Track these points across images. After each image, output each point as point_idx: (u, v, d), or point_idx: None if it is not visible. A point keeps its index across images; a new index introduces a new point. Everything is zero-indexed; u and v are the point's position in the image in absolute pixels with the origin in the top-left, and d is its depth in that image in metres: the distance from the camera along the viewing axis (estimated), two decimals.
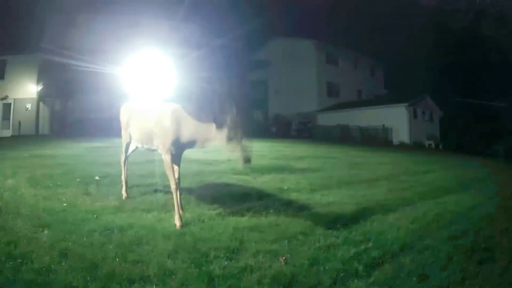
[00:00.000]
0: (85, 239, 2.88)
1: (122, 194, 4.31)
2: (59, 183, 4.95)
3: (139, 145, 4.10)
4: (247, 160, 3.10)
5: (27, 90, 20.81)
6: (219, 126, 3.19)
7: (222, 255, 2.69)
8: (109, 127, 18.44)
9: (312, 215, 3.92)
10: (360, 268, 2.60)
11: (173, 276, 2.35)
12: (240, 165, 3.17)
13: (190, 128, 3.44)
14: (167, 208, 3.87)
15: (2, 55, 20.54)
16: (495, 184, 7.48)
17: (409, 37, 31.84)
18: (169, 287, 2.25)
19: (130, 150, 4.40)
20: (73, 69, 17.98)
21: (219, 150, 3.59)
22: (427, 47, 31.09)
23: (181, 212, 3.57)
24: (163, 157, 3.59)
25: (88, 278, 2.26)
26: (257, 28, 25.99)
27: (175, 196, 3.48)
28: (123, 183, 4.38)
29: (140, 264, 2.49)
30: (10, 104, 21.03)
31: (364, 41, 31.40)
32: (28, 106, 20.86)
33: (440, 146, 20.44)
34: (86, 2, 20.36)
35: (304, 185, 5.74)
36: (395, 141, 22.82)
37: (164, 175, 5.60)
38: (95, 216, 3.49)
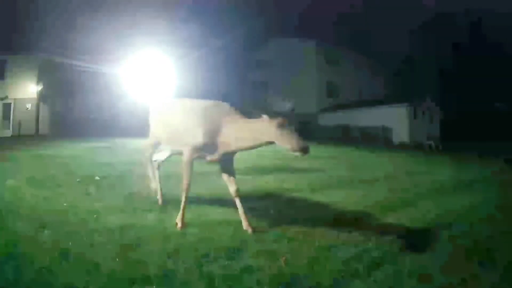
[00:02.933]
0: (85, 239, 2.88)
1: (158, 200, 4.08)
2: (59, 183, 4.96)
3: (172, 148, 3.83)
4: (304, 149, 2.86)
5: (27, 90, 20.83)
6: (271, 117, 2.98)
7: (222, 255, 2.70)
8: (109, 127, 18.51)
9: (312, 215, 3.92)
10: (360, 268, 2.60)
11: (174, 276, 2.35)
12: (297, 154, 2.87)
13: (237, 125, 3.17)
14: (167, 208, 3.87)
15: (2, 55, 20.55)
16: (495, 184, 7.47)
17: (409, 38, 31.85)
18: (170, 287, 2.25)
19: (164, 155, 4.15)
20: (73, 69, 18.00)
21: None
22: (428, 47, 31.11)
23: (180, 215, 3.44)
24: (184, 155, 3.36)
25: (89, 278, 2.26)
26: (257, 28, 26.03)
27: (185, 196, 3.36)
28: (159, 191, 4.13)
29: (140, 264, 2.49)
30: (10, 104, 21.05)
31: (364, 42, 31.43)
32: (28, 106, 20.88)
33: (440, 147, 20.44)
34: (86, 2, 20.36)
35: (304, 185, 5.74)
36: (395, 141, 22.83)
37: (165, 175, 5.61)
38: (95, 216, 3.49)
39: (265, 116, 3.04)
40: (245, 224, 3.34)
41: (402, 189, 5.94)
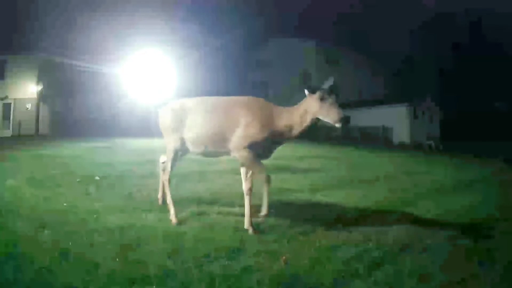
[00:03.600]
0: (85, 239, 2.88)
1: (171, 220, 3.48)
2: (59, 183, 4.96)
3: (200, 149, 3.53)
4: (345, 119, 3.05)
5: (27, 90, 20.83)
6: (312, 92, 3.17)
7: (223, 255, 2.69)
8: (109, 127, 18.51)
9: (313, 215, 3.92)
10: (361, 268, 2.60)
11: (174, 276, 2.35)
12: (338, 125, 3.07)
13: (287, 113, 3.29)
14: (167, 208, 3.87)
15: (2, 55, 20.56)
16: (495, 184, 7.47)
17: (409, 38, 31.86)
18: (170, 287, 2.25)
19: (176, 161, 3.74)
20: (73, 69, 18.01)
21: None
22: (428, 47, 31.11)
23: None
24: (245, 156, 3.30)
25: (89, 278, 2.26)
26: (257, 29, 26.04)
27: (250, 199, 3.37)
28: (171, 206, 3.55)
29: (140, 264, 2.49)
30: (10, 104, 21.06)
31: (364, 42, 31.44)
32: (28, 106, 20.89)
33: (440, 146, 20.45)
34: (86, 2, 20.37)
35: (304, 185, 5.73)
36: (395, 141, 22.84)
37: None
38: (95, 216, 3.49)
39: (306, 91, 3.21)
40: (246, 223, 3.33)
41: (402, 189, 5.94)
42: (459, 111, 27.85)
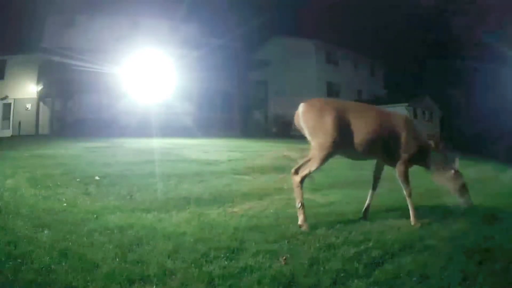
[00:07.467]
0: (85, 239, 2.88)
1: (302, 225, 3.42)
2: (59, 183, 4.95)
3: (358, 151, 3.81)
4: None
5: (27, 90, 20.81)
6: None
7: (222, 255, 2.69)
8: (108, 127, 18.47)
9: (313, 215, 3.92)
10: (360, 268, 2.60)
11: (173, 276, 2.35)
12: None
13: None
14: (167, 208, 3.87)
15: (2, 55, 20.54)
16: (495, 184, 7.47)
17: (409, 37, 31.87)
18: (169, 287, 2.25)
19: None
20: (73, 69, 17.99)
21: (219, 150, 3.57)
22: (427, 47, 31.10)
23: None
24: (402, 167, 3.84)
25: (88, 278, 2.26)
26: (256, 28, 26.01)
27: (411, 200, 3.81)
28: (301, 212, 3.53)
29: (140, 264, 2.49)
30: (10, 104, 21.04)
31: (364, 41, 31.43)
32: (28, 106, 20.86)
33: (441, 146, 20.44)
34: (86, 2, 20.36)
35: (304, 185, 5.71)
36: None
37: (164, 175, 5.61)
38: (95, 216, 3.49)
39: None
40: (413, 220, 3.74)
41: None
42: (458, 110, 27.83)
